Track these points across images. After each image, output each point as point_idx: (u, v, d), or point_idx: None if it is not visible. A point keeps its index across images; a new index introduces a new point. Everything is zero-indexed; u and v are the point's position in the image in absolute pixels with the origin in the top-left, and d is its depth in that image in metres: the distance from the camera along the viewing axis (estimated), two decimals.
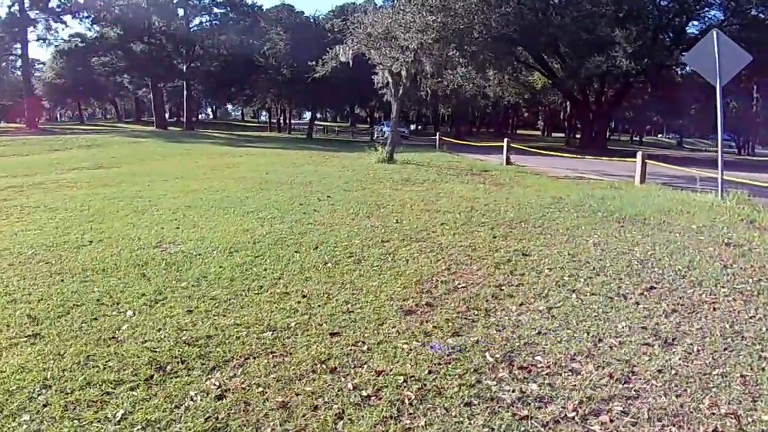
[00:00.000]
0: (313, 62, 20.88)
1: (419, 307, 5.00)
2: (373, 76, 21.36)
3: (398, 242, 7.40)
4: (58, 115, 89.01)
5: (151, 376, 3.59)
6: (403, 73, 19.87)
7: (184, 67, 46.13)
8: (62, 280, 5.66)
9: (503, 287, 5.61)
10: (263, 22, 39.64)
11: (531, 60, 38.53)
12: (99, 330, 4.34)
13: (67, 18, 44.36)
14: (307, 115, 68.73)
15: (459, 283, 5.72)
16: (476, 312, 4.90)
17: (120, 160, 20.45)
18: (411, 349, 4.08)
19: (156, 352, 3.94)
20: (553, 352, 4.08)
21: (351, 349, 4.06)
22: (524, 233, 8.08)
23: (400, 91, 20.39)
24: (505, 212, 9.78)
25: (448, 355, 3.99)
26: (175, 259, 6.43)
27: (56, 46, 45.88)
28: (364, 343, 4.18)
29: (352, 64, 21.07)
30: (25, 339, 4.15)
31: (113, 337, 4.20)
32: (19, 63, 47.95)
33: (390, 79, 20.37)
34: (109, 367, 3.72)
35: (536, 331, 4.48)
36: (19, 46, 44.26)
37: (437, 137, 32.15)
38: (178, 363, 3.78)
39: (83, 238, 7.56)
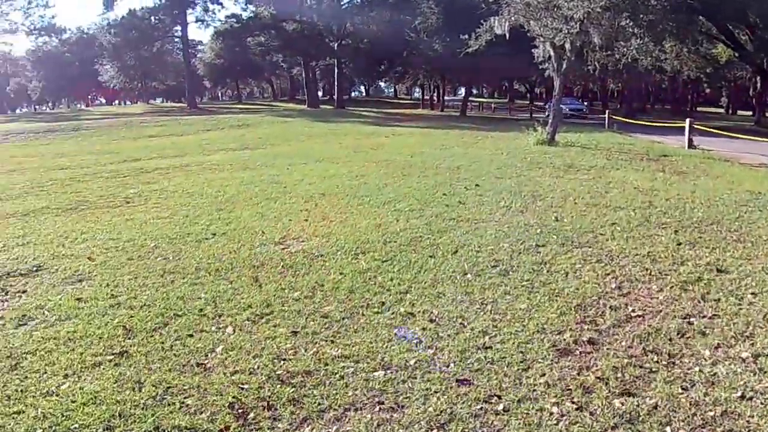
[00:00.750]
0: (466, 36, 19.80)
1: (578, 344, 3.98)
2: (533, 50, 19.77)
3: (556, 248, 6.31)
4: (219, 94, 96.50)
5: (228, 427, 3.00)
6: (567, 45, 18.11)
7: (335, 45, 47.15)
8: (172, 281, 5.41)
9: (692, 319, 4.39)
10: None
11: (714, 31, 33.97)
12: (191, 351, 3.90)
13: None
14: (462, 91, 67.43)
15: (633, 310, 4.57)
16: (655, 357, 3.79)
17: (266, 140, 21.08)
18: (562, 415, 3.11)
19: (243, 390, 3.38)
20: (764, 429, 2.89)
21: (481, 408, 3.20)
22: (717, 240, 6.58)
23: (564, 66, 18.64)
24: (692, 210, 8.20)
25: (612, 429, 2.97)
26: (294, 261, 5.95)
27: (214, 27, 49.43)
28: (499, 398, 3.29)
29: (509, 37, 19.67)
30: (110, 358, 3.83)
31: (201, 364, 3.72)
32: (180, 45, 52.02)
33: (552, 53, 18.70)
34: (186, 407, 3.22)
35: (739, 393, 3.30)
36: (179, 28, 48.27)
37: (606, 115, 29.40)
38: (263, 410, 3.18)
39: (208, 230, 7.41)
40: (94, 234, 7.49)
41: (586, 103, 58.42)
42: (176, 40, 50.81)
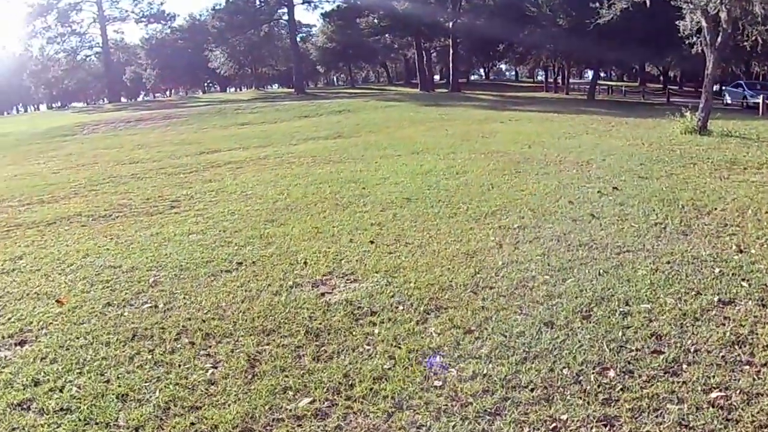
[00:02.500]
0: (597, 4, 16.86)
1: None
2: (677, 22, 16.48)
3: (753, 306, 3.86)
4: (334, 79, 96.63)
5: None
6: (723, 15, 14.76)
7: (450, 24, 44.61)
8: (132, 357, 3.62)
9: None
10: None
11: None
12: None
13: None
14: (589, 74, 62.32)
15: None
16: None
17: (363, 127, 19.30)
18: None
19: None
20: None
21: None
22: None
23: (719, 40, 15.26)
24: None
25: None
26: (326, 322, 3.95)
27: (321, 9, 48.40)
28: None
29: (648, 5, 16.57)
30: None
31: None
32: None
33: (704, 23, 15.38)
34: None
35: None
36: (285, 10, 47.74)
37: (760, 100, 24.56)
38: None
39: (236, 256, 5.58)
40: (97, 256, 5.92)
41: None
42: (284, 23, 50.35)
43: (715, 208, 6.94)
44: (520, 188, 8.29)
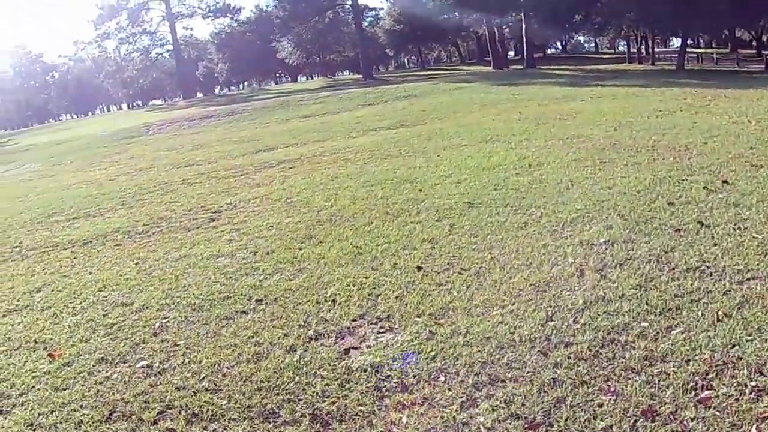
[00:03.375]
0: None
1: None
2: None
3: None
4: (405, 61, 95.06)
5: None
6: None
7: None
8: None
9: None
10: None
11: None
12: None
13: None
14: (675, 42, 58.00)
15: None
16: None
17: (429, 114, 18.13)
18: None
19: None
20: None
21: None
22: None
23: None
24: None
25: None
26: (340, 402, 3.03)
27: None
28: None
29: None
30: None
31: None
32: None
33: None
34: None
35: None
36: None
37: None
38: None
39: (258, 289, 4.76)
40: (113, 289, 5.30)
41: None
42: (348, 7, 49.46)
43: None
44: (605, 185, 7.06)
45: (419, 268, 4.83)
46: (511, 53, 73.26)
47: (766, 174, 7.04)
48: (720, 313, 3.65)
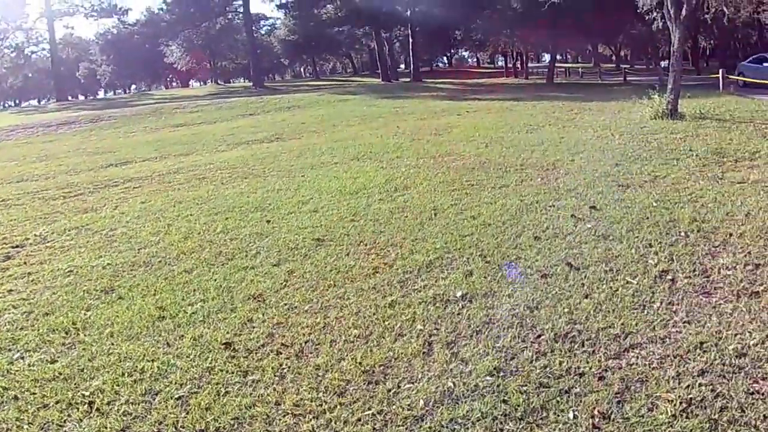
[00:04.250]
0: None
1: None
2: None
3: None
4: (302, 71, 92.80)
5: None
6: None
7: (408, 12, 42.06)
8: None
9: None
10: None
11: None
12: None
13: None
14: (546, 57, 60.47)
15: None
16: None
17: (308, 126, 16.80)
18: None
19: None
20: None
21: None
22: None
23: (683, 13, 13.26)
24: None
25: None
26: None
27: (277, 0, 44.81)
28: None
29: None
30: None
31: None
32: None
33: None
34: None
35: None
36: (240, 2, 44.30)
37: (720, 74, 22.27)
38: None
39: None
40: None
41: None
42: (238, 15, 46.92)
43: (729, 234, 4.95)
44: (470, 214, 6.08)
45: (228, 345, 3.53)
46: (402, 66, 73.48)
47: (633, 196, 6.38)
48: (596, 412, 2.65)
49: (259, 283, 4.53)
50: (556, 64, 43.38)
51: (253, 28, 53.89)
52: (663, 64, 57.97)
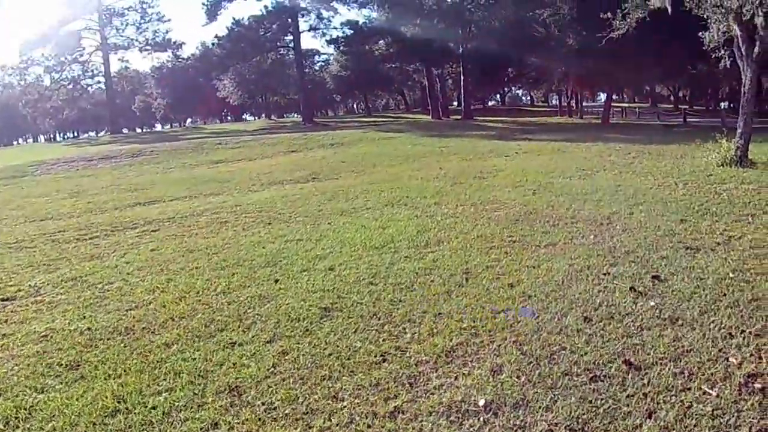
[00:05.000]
0: (608, 14, 13.91)
1: None
2: (700, 33, 13.43)
3: None
4: (354, 107, 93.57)
5: None
6: (759, 20, 11.73)
7: (460, 49, 41.63)
8: None
9: None
10: None
11: None
12: None
13: (339, 5, 43.39)
14: (602, 96, 58.94)
15: None
16: None
17: (348, 165, 16.25)
18: None
19: None
20: None
21: None
22: None
23: (755, 51, 12.17)
24: None
25: None
26: None
27: (328, 35, 45.25)
28: None
29: (670, 13, 13.64)
30: None
31: None
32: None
33: (737, 32, 12.30)
34: None
35: None
36: (291, 37, 44.69)
37: None
38: None
39: None
40: None
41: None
42: (290, 50, 47.50)
43: None
44: (508, 280, 5.24)
45: None
46: (456, 103, 73.01)
47: (705, 262, 5.42)
48: None
49: (242, 368, 3.78)
50: (612, 104, 42.00)
51: (306, 63, 54.60)
52: (723, 105, 55.86)
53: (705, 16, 12.49)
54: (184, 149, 24.64)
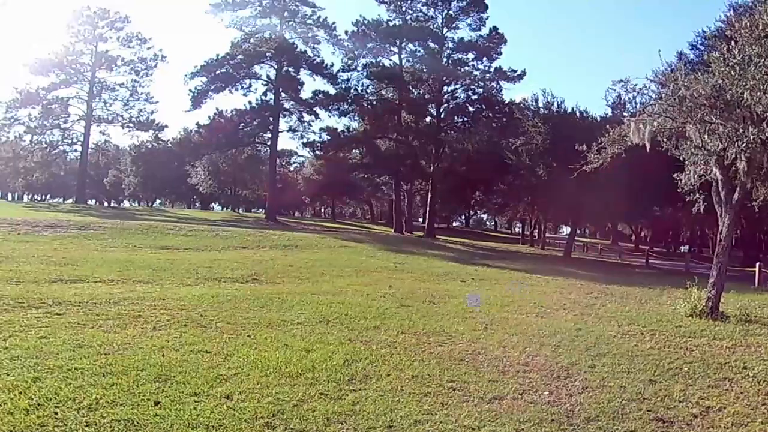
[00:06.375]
0: (583, 147, 13.55)
1: None
2: (675, 175, 13.15)
3: None
4: (321, 211, 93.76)
5: None
6: (742, 165, 11.39)
7: (431, 167, 42.09)
8: None
9: None
10: (517, 114, 33.18)
11: None
12: None
13: (320, 111, 43.91)
14: (564, 229, 59.84)
15: None
16: None
17: (294, 270, 15.13)
18: None
19: None
20: None
21: None
22: None
23: (735, 197, 11.77)
24: None
25: None
26: None
27: (306, 138, 45.40)
28: None
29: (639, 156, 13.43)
30: None
31: None
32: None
33: (718, 175, 11.94)
34: None
35: None
36: (269, 135, 44.21)
37: (757, 268, 19.97)
38: None
39: None
40: None
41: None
42: (266, 147, 47.36)
43: None
44: None
45: None
46: (421, 219, 73.33)
47: None
48: None
49: None
50: (575, 238, 42.12)
51: (283, 163, 54.65)
52: (683, 248, 56.92)
53: (681, 158, 12.17)
54: (133, 229, 23.29)
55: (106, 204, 70.29)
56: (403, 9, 42.70)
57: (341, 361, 6.15)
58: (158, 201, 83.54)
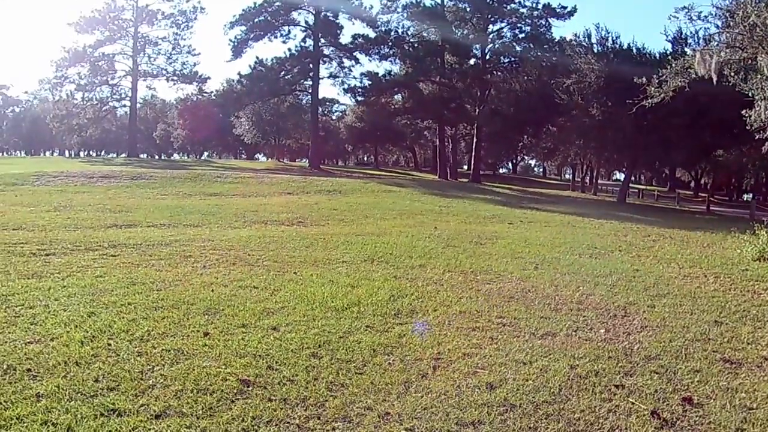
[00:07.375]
0: (642, 80, 12.80)
1: None
2: (744, 111, 12.35)
3: None
4: (365, 159, 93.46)
5: None
6: None
7: (476, 110, 41.00)
8: None
9: None
10: (569, 51, 31.34)
11: None
12: None
13: (361, 56, 43.27)
14: (618, 175, 57.64)
15: None
16: None
17: (339, 213, 15.18)
18: None
19: None
20: None
21: None
22: None
23: None
24: None
25: None
26: None
27: (347, 84, 44.81)
28: None
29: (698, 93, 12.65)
30: None
31: None
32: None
33: None
34: None
35: None
36: (309, 82, 43.92)
37: None
38: None
39: None
40: None
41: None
42: (308, 95, 47.02)
43: None
44: (487, 378, 4.03)
45: None
46: (466, 167, 72.29)
47: (750, 383, 4.15)
48: None
49: None
50: (630, 185, 40.43)
51: (324, 111, 54.28)
52: (745, 197, 54.10)
53: (750, 94, 11.42)
54: (182, 178, 23.84)
55: (156, 157, 71.82)
56: None
57: (387, 297, 6.08)
58: (206, 153, 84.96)
